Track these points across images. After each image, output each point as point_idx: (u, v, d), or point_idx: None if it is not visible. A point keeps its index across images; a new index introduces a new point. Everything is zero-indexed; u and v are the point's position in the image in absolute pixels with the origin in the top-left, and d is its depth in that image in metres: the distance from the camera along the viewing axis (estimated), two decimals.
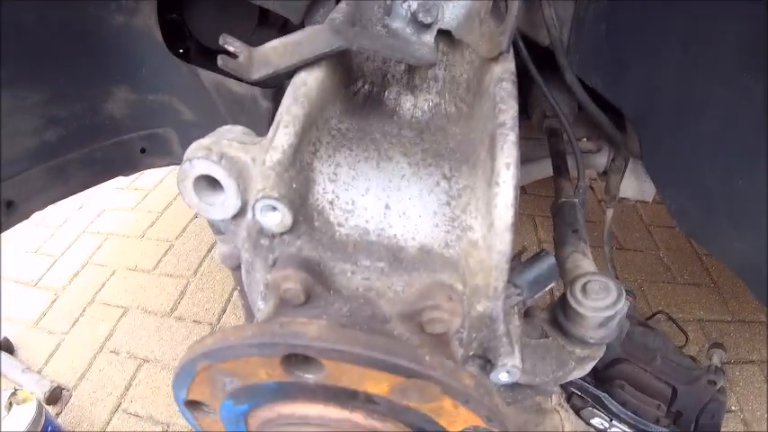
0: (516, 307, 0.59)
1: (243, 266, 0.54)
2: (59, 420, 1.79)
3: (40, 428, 1.62)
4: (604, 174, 1.45)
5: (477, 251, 0.50)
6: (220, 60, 0.52)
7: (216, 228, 0.57)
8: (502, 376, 0.57)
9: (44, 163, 1.28)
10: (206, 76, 1.22)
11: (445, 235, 0.51)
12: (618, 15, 0.94)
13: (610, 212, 1.44)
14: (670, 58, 0.92)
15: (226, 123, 1.30)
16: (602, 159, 1.42)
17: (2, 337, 2.10)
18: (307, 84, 0.52)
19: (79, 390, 1.92)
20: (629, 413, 1.45)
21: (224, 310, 2.16)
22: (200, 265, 2.40)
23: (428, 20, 0.58)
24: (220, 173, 0.49)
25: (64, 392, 1.92)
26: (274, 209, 0.47)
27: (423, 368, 0.37)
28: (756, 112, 0.83)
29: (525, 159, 1.44)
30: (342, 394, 0.40)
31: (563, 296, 0.70)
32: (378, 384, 0.38)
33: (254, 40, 1.24)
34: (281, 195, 0.47)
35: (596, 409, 1.50)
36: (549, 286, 0.62)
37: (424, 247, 0.51)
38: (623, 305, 0.69)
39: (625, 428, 1.46)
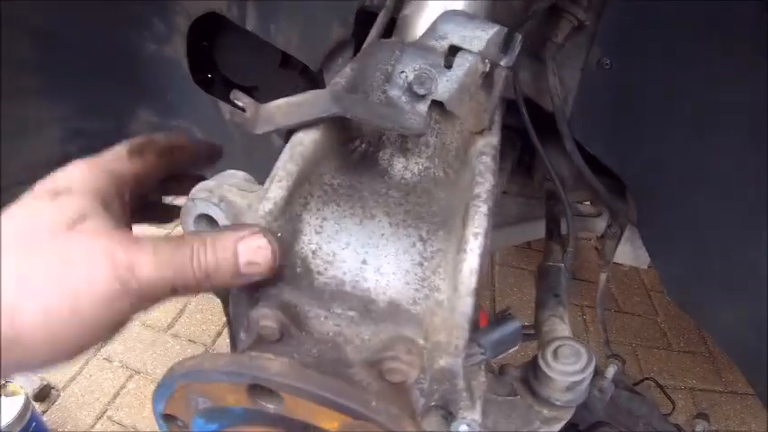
0: (481, 365, 0.62)
1: (231, 299, 0.59)
2: (44, 418, 1.82)
3: (24, 423, 1.65)
4: (602, 238, 1.48)
5: (441, 311, 0.53)
6: (228, 114, 0.58)
7: None
8: (462, 428, 0.59)
9: None
10: (225, 108, 1.29)
11: (414, 293, 0.54)
12: (625, 87, 0.96)
13: (603, 276, 1.46)
14: (674, 130, 0.95)
15: (239, 154, 1.37)
16: (602, 223, 1.45)
17: None
18: (303, 143, 0.58)
19: (67, 391, 1.96)
20: None
21: (219, 333, 2.19)
22: None
23: (422, 91, 0.62)
24: (218, 214, 0.55)
25: (52, 391, 1.95)
26: None
27: (368, 411, 0.41)
28: (756, 187, 0.87)
29: (525, 218, 1.48)
30: (297, 426, 0.44)
31: (535, 357, 0.73)
32: (329, 421, 0.42)
33: (276, 80, 1.33)
34: None
35: None
36: (514, 348, 0.64)
37: (393, 302, 0.54)
38: (591, 372, 0.71)
39: None
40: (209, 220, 0.57)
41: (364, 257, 0.56)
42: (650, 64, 0.93)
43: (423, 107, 0.63)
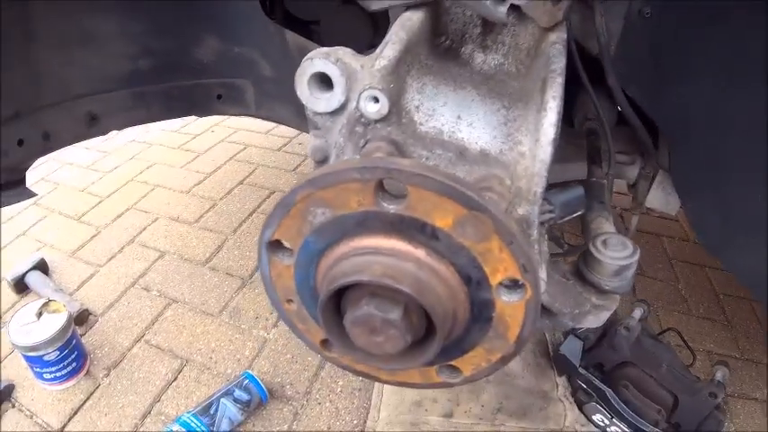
0: (546, 226, 0.71)
1: (334, 151, 0.67)
2: (83, 340, 1.87)
3: (66, 338, 1.70)
4: (633, 186, 1.53)
5: (524, 160, 0.62)
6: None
7: (313, 123, 0.70)
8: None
9: (132, 87, 1.43)
10: (292, 38, 1.36)
11: (501, 145, 0.64)
12: (663, 34, 1.03)
13: (635, 219, 1.53)
14: (705, 78, 1.01)
15: None
16: (633, 171, 1.50)
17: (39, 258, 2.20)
18: (411, 19, 0.69)
19: (106, 317, 2.02)
20: (630, 411, 1.52)
21: (257, 268, 2.23)
22: (241, 225, 2.51)
23: None
24: (335, 71, 0.63)
25: (91, 317, 2.01)
26: (376, 100, 0.61)
27: (482, 201, 0.48)
28: None
29: (564, 160, 1.54)
30: (412, 228, 0.51)
31: (585, 250, 0.80)
32: (444, 216, 0.49)
33: (338, 15, 1.39)
34: (383, 89, 0.60)
35: (599, 405, 1.57)
36: (577, 213, 0.74)
37: (484, 151, 0.64)
38: (636, 259, 0.78)
39: (624, 428, 1.53)
40: (322, 79, 0.65)
41: (459, 114, 0.67)
42: (684, 15, 0.98)
43: (503, 8, 0.72)
